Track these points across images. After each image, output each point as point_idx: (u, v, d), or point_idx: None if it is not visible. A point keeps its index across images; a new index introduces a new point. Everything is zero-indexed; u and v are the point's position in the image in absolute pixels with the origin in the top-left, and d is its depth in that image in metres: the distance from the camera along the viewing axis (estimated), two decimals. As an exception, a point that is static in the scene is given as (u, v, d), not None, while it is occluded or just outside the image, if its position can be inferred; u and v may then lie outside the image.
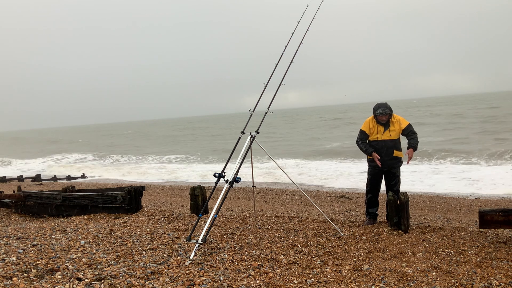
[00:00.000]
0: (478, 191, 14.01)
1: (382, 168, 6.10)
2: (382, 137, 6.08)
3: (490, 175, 16.00)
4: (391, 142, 6.06)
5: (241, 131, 5.47)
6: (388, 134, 6.07)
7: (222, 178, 5.07)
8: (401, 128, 6.09)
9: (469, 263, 4.42)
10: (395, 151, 6.08)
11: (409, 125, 6.13)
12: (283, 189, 14.90)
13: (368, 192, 6.37)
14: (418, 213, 9.05)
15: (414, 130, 6.13)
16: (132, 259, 4.38)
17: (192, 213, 6.90)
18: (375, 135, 6.11)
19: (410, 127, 6.11)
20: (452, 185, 15.22)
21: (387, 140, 6.06)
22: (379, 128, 6.11)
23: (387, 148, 6.05)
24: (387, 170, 6.16)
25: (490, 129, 33.59)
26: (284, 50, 5.80)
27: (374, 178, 6.26)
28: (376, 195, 6.33)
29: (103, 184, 18.03)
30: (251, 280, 3.85)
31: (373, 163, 6.14)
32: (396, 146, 6.10)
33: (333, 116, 79.05)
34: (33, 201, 7.76)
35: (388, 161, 6.06)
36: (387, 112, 6.04)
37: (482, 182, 15.14)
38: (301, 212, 8.80)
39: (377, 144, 6.10)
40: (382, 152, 6.05)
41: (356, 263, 4.42)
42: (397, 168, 6.18)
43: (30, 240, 5.18)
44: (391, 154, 6.06)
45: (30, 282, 3.65)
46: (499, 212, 5.21)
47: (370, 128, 6.15)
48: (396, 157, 6.11)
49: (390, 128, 6.09)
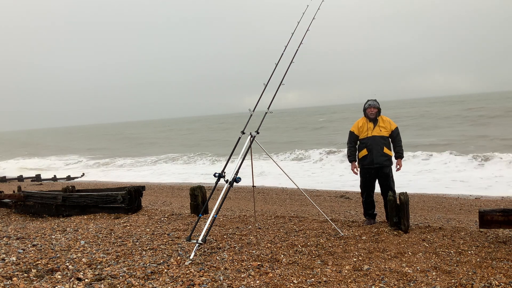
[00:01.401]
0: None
1: (373, 165, 6.17)
2: (372, 133, 6.20)
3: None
4: (382, 138, 6.18)
5: (241, 131, 5.48)
6: (378, 129, 6.20)
7: (222, 178, 5.08)
8: (391, 128, 6.25)
9: (469, 263, 4.42)
10: (385, 148, 6.19)
11: (397, 128, 6.32)
12: (283, 189, 14.90)
13: (363, 194, 6.45)
14: (418, 213, 9.05)
15: (400, 135, 6.34)
16: (132, 259, 4.38)
17: (192, 213, 6.90)
18: (365, 132, 6.24)
19: (398, 131, 6.32)
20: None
21: (377, 136, 6.18)
22: (369, 125, 6.25)
23: (377, 144, 6.15)
24: (379, 169, 6.19)
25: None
26: (284, 50, 5.81)
27: (367, 179, 6.33)
28: (371, 196, 6.39)
29: (103, 184, 18.03)
30: (251, 280, 3.85)
31: (364, 161, 6.23)
32: (386, 144, 6.22)
33: (321, 117, 78.79)
34: (33, 201, 7.76)
35: (379, 157, 6.14)
36: (376, 105, 6.23)
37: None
38: (301, 212, 8.80)
39: (368, 140, 6.20)
40: (373, 148, 6.15)
41: (356, 263, 4.42)
42: (388, 167, 6.24)
43: (30, 240, 5.18)
44: (381, 150, 6.15)
45: (30, 282, 3.65)
46: (499, 212, 5.22)
47: (359, 127, 6.30)
48: (387, 154, 6.19)
49: (380, 124, 6.23)
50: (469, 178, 16.32)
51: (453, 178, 16.66)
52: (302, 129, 54.83)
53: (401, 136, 6.35)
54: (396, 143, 6.26)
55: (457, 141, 27.28)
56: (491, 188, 14.30)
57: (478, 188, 14.34)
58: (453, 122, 42.24)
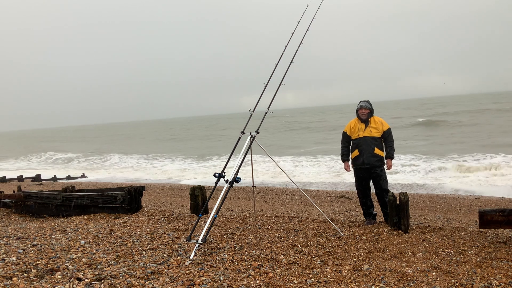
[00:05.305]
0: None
1: (364, 165, 6.21)
2: (363, 134, 6.26)
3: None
4: (373, 139, 6.22)
5: (241, 131, 5.48)
6: (369, 130, 6.26)
7: (222, 178, 5.07)
8: (383, 129, 6.29)
9: (469, 263, 4.42)
10: (376, 149, 6.22)
11: (389, 128, 6.37)
12: (283, 189, 14.91)
13: (359, 195, 6.52)
14: (418, 213, 9.05)
15: (392, 136, 6.37)
16: (132, 259, 4.38)
17: (192, 213, 6.90)
18: (357, 133, 6.31)
19: (390, 131, 6.36)
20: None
21: (368, 137, 6.23)
22: (360, 125, 6.32)
23: (368, 145, 6.20)
24: (370, 169, 6.22)
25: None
26: (284, 50, 5.81)
27: (361, 179, 6.38)
28: (367, 195, 6.43)
29: (103, 184, 18.03)
30: (251, 280, 3.84)
31: (356, 161, 6.29)
32: (378, 144, 6.25)
33: (314, 118, 78.66)
34: (33, 201, 7.75)
35: (370, 158, 6.19)
36: (368, 106, 6.29)
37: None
38: (301, 212, 8.80)
39: (359, 140, 6.26)
40: (364, 149, 6.20)
41: (356, 263, 4.42)
42: (380, 168, 6.26)
43: (30, 240, 5.18)
44: (372, 150, 6.19)
45: (30, 282, 3.65)
46: (499, 212, 5.21)
47: (351, 128, 6.39)
48: (377, 155, 6.22)
49: (371, 125, 6.27)
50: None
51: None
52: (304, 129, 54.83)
53: (393, 136, 6.39)
54: (387, 143, 6.31)
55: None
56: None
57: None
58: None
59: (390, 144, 6.30)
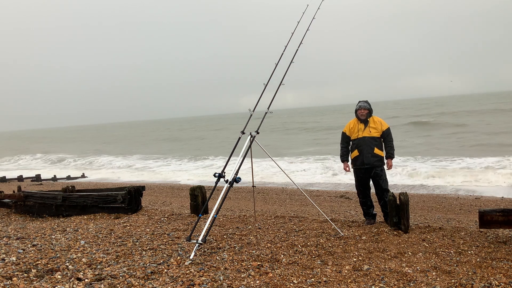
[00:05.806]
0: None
1: (364, 166, 6.22)
2: (362, 134, 6.27)
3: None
4: (372, 139, 6.23)
5: (241, 131, 5.47)
6: (368, 130, 6.26)
7: (222, 178, 5.07)
8: (382, 129, 6.29)
9: (469, 263, 4.42)
10: (376, 149, 6.22)
11: (388, 128, 6.37)
12: (283, 189, 14.91)
13: (359, 195, 6.52)
14: (418, 213, 9.05)
15: (391, 135, 6.37)
16: (132, 259, 4.38)
17: (192, 213, 6.90)
18: (356, 133, 6.32)
19: (389, 131, 6.36)
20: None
21: (367, 137, 6.23)
22: (359, 126, 6.32)
23: (367, 145, 6.21)
24: (370, 169, 6.23)
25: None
26: (284, 50, 5.80)
27: (361, 179, 6.38)
28: (367, 195, 6.43)
29: (103, 184, 18.03)
30: (251, 280, 3.84)
31: (356, 162, 6.29)
32: (377, 144, 6.25)
33: (309, 119, 78.51)
34: (33, 201, 7.75)
35: (369, 158, 6.19)
36: (367, 106, 6.29)
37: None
38: (301, 212, 8.80)
39: (358, 141, 6.27)
40: (364, 149, 6.21)
41: (356, 263, 4.42)
42: (380, 168, 6.27)
43: (30, 240, 5.18)
44: (372, 150, 6.20)
45: (30, 282, 3.65)
46: (499, 212, 5.21)
47: (350, 128, 6.40)
48: (377, 155, 6.22)
49: (370, 125, 6.28)
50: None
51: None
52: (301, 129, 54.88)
53: (392, 136, 6.39)
54: (386, 143, 6.32)
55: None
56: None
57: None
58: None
59: (390, 143, 6.30)
